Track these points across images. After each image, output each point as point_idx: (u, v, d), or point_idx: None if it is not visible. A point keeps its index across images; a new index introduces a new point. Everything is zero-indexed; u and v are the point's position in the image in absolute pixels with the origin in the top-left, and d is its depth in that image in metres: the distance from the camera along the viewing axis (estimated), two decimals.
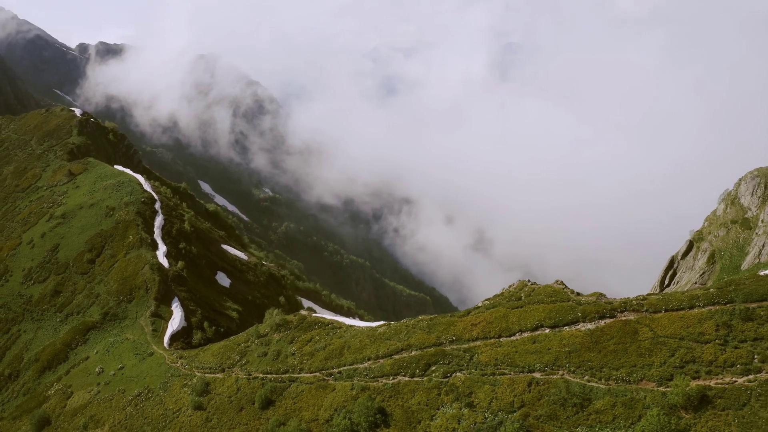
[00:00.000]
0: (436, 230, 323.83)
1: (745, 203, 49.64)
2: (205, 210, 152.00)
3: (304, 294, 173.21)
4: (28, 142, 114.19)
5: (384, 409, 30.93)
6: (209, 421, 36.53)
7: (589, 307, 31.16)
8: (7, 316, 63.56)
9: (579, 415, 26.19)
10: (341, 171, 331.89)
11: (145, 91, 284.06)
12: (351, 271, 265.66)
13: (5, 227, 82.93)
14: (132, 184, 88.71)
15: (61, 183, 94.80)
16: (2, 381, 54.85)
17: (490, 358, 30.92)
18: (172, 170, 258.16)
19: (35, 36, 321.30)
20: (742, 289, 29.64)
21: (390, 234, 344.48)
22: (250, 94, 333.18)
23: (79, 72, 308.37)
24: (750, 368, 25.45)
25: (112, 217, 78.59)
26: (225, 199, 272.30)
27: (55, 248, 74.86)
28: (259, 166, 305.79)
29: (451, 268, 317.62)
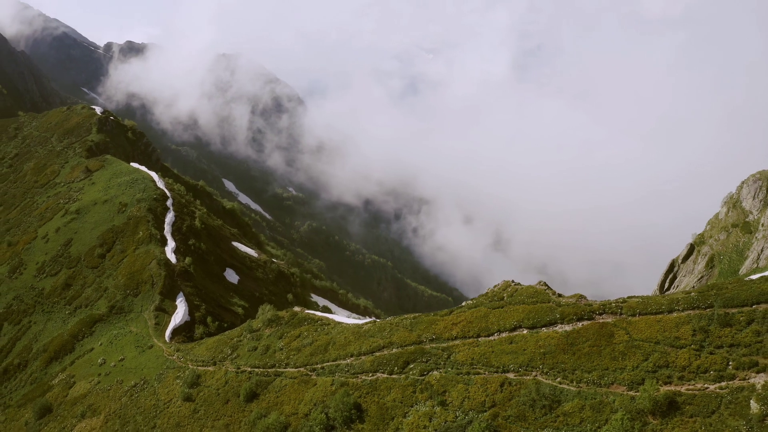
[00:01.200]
0: (454, 230, 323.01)
1: (747, 207, 48.73)
2: (222, 208, 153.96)
3: (321, 293, 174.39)
4: (48, 139, 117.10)
5: (360, 404, 31.27)
6: (197, 412, 37.35)
7: (568, 309, 31.04)
8: (20, 307, 65.50)
9: (547, 416, 26.15)
10: (361, 170, 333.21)
11: (166, 90, 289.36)
12: (373, 270, 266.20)
13: (22, 222, 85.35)
14: (145, 181, 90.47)
15: (78, 179, 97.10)
16: (11, 370, 56.62)
17: (467, 357, 31.02)
18: (197, 168, 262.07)
19: (63, 34, 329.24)
20: (723, 293, 29.21)
21: (409, 234, 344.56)
22: (269, 92, 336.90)
23: (103, 70, 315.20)
24: (723, 375, 25.07)
25: (124, 213, 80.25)
26: (248, 198, 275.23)
27: (68, 243, 76.82)
28: (277, 165, 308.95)
29: (469, 268, 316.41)
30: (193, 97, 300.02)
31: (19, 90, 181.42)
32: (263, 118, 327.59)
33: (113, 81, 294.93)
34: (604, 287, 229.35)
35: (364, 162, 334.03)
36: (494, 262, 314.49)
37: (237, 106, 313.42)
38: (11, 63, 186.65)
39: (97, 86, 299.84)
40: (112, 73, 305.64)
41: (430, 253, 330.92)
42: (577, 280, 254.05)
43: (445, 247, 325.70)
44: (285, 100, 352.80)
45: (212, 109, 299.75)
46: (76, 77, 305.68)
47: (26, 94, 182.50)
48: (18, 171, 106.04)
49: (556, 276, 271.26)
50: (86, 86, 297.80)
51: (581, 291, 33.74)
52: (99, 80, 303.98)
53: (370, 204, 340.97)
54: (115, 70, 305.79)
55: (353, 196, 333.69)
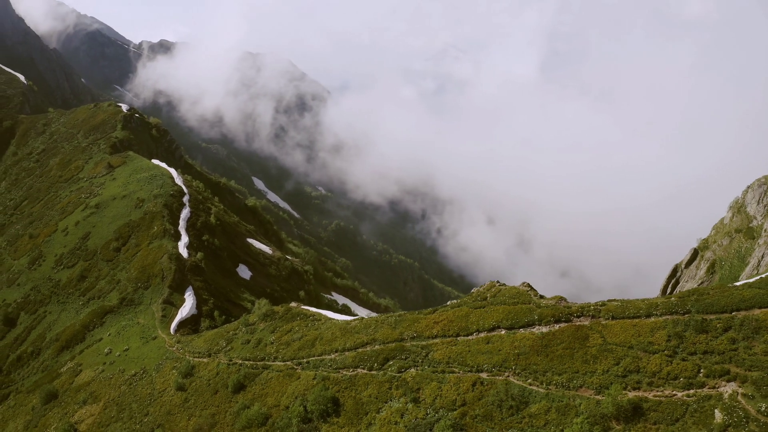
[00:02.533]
0: (478, 231, 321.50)
1: (751, 212, 47.69)
2: (244, 205, 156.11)
3: (342, 291, 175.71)
4: (75, 135, 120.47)
5: (338, 399, 31.80)
6: (187, 402, 38.42)
7: (546, 311, 31.01)
8: (36, 297, 67.87)
9: (513, 417, 26.23)
10: (385, 170, 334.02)
11: (194, 87, 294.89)
12: (399, 271, 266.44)
13: (45, 215, 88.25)
14: (164, 177, 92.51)
15: (100, 175, 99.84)
16: (25, 358, 58.78)
17: (444, 355, 31.26)
18: (227, 166, 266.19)
19: (96, 31, 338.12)
20: (704, 299, 28.85)
21: (433, 234, 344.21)
22: (294, 90, 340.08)
23: (133, 67, 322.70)
24: (692, 382, 24.75)
25: (141, 208, 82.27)
26: (277, 196, 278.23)
27: (86, 236, 79.19)
28: (304, 163, 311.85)
29: (493, 270, 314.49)
30: (219, 94, 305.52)
31: (51, 87, 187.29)
32: (287, 116, 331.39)
33: (142, 78, 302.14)
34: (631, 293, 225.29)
35: (389, 161, 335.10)
36: (517, 263, 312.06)
37: (262, 104, 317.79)
38: (44, 61, 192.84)
39: (127, 83, 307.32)
40: (141, 70, 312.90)
41: (454, 254, 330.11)
42: (600, 283, 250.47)
43: (469, 248, 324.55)
44: (310, 98, 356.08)
45: (237, 106, 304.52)
46: (108, 74, 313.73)
47: (58, 91, 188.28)
48: (44, 166, 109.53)
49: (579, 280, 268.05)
50: (117, 83, 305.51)
51: (609, 296, 33.54)
52: (129, 77, 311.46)
53: (395, 204, 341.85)
54: (144, 68, 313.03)
55: (378, 195, 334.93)
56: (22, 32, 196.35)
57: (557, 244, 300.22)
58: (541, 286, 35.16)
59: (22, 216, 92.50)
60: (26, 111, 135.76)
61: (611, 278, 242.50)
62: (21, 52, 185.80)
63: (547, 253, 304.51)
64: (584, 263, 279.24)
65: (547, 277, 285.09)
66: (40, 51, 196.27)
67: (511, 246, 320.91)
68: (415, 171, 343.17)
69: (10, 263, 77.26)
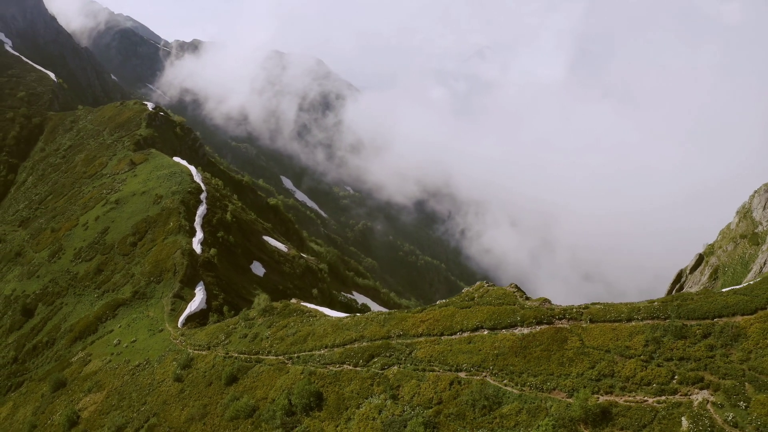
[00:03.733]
0: (501, 233, 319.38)
1: (757, 217, 46.74)
2: (265, 204, 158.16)
3: (363, 291, 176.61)
4: (101, 132, 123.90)
5: (321, 393, 32.40)
6: (183, 392, 39.54)
7: (529, 312, 31.08)
8: (54, 289, 70.21)
9: (485, 417, 26.40)
10: (409, 171, 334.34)
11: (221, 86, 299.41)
12: (425, 272, 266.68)
13: (67, 209, 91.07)
14: (183, 174, 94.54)
15: (122, 171, 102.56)
16: (40, 347, 60.96)
17: (427, 354, 31.58)
18: (256, 165, 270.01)
19: (127, 29, 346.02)
20: (686, 304, 28.54)
21: (456, 235, 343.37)
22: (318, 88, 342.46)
23: (162, 65, 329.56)
24: (665, 389, 24.52)
25: (159, 204, 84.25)
26: (305, 195, 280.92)
27: (105, 231, 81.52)
28: (326, 162, 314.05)
29: (516, 272, 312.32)
30: (245, 93, 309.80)
31: (82, 85, 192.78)
32: (311, 114, 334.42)
33: (170, 76, 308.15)
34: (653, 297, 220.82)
35: (412, 162, 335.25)
36: (541, 265, 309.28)
37: (286, 102, 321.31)
38: (75, 59, 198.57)
39: (156, 81, 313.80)
40: (168, 69, 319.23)
41: (478, 255, 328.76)
42: (623, 287, 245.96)
43: (493, 250, 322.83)
44: (334, 97, 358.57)
45: (262, 104, 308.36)
46: (139, 71, 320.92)
47: (88, 89, 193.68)
48: (70, 162, 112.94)
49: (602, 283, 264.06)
50: (147, 81, 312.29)
51: (631, 299, 33.37)
52: (158, 75, 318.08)
53: (419, 204, 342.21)
54: (171, 66, 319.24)
55: (403, 196, 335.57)
56: (54, 31, 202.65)
57: (579, 246, 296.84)
58: (562, 290, 34.81)
59: (46, 210, 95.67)
60: (55, 108, 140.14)
61: (633, 281, 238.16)
62: (53, 51, 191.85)
63: (570, 255, 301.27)
64: (607, 266, 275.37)
65: (570, 280, 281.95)
66: (71, 49, 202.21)
67: (534, 248, 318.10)
68: (439, 172, 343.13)
69: (32, 256, 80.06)
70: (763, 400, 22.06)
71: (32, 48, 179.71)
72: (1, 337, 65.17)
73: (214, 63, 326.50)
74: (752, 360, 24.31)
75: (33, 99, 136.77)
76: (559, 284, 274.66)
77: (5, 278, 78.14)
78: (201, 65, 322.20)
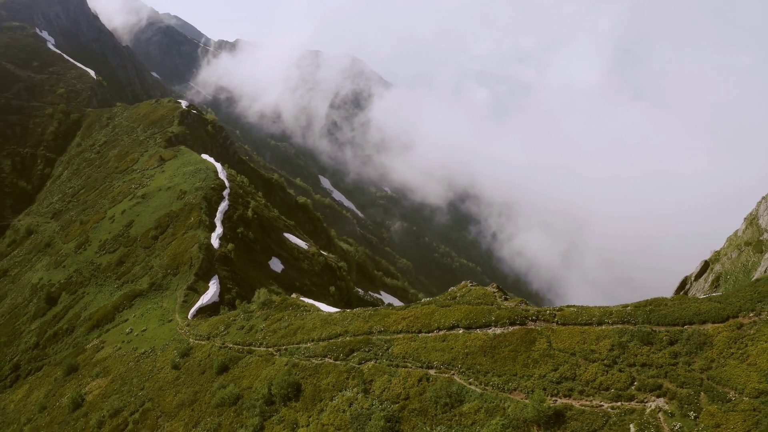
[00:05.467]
0: (532, 236, 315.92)
1: (763, 224, 45.44)
2: (294, 202, 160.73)
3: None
4: (135, 129, 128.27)
5: (300, 384, 33.40)
6: (178, 379, 41.21)
7: (504, 312, 31.29)
8: (78, 279, 73.45)
9: (446, 414, 26.82)
10: (442, 172, 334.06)
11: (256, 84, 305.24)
12: (460, 274, 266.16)
13: (97, 203, 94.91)
14: (208, 171, 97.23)
15: (152, 167, 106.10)
16: (60, 334, 63.99)
17: (402, 350, 32.16)
18: (294, 164, 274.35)
19: (171, 28, 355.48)
20: (659, 310, 28.27)
21: (488, 238, 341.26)
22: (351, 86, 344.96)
23: (201, 64, 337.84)
24: (622, 394, 24.35)
25: (182, 199, 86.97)
26: (342, 195, 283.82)
27: (129, 224, 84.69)
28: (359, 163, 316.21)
29: (547, 275, 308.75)
30: (279, 91, 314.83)
31: (122, 82, 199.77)
32: (343, 113, 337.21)
33: (206, 75, 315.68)
34: None
35: (445, 164, 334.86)
36: (571, 268, 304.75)
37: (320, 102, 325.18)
38: (116, 57, 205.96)
39: (193, 79, 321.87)
40: (205, 67, 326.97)
41: (509, 258, 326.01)
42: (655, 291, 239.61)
43: (524, 253, 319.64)
44: (366, 96, 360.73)
45: (296, 103, 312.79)
46: (178, 69, 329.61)
47: (128, 86, 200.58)
48: (104, 157, 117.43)
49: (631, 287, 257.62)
50: (186, 78, 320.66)
51: None
52: (195, 73, 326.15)
53: (452, 206, 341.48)
54: (208, 65, 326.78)
55: (436, 197, 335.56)
56: (97, 29, 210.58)
57: (609, 249, 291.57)
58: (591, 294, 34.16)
59: (77, 203, 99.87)
60: (93, 105, 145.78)
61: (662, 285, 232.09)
62: (95, 49, 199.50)
63: (599, 258, 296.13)
64: (636, 270, 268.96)
65: (599, 283, 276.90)
66: (112, 48, 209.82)
67: (565, 251, 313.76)
68: (470, 174, 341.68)
69: (60, 246, 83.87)
70: (713, 411, 21.86)
71: (75, 46, 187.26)
72: (25, 323, 68.62)
73: (250, 62, 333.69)
74: (713, 369, 24.02)
75: (72, 96, 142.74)
76: (589, 288, 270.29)
77: (34, 267, 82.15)
78: (237, 64, 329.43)
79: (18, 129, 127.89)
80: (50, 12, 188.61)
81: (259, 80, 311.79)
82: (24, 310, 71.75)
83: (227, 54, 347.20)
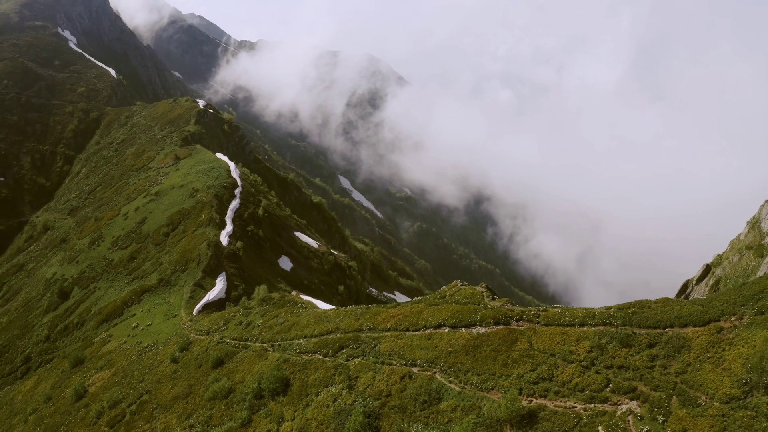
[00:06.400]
0: (549, 238, 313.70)
1: (765, 228, 44.81)
2: (309, 201, 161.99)
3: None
4: (152, 127, 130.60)
5: (289, 380, 34.01)
6: (176, 372, 42.17)
7: (489, 312, 31.49)
8: (90, 274, 75.21)
9: (424, 411, 27.14)
10: (458, 173, 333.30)
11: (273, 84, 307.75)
12: (479, 276, 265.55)
13: (112, 200, 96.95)
14: (220, 170, 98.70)
15: (167, 165, 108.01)
16: (71, 328, 65.66)
17: (389, 348, 32.56)
18: (314, 164, 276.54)
19: (193, 27, 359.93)
20: (641, 312, 28.20)
21: (504, 240, 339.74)
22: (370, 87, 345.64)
23: (222, 63, 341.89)
24: (596, 396, 24.32)
25: (194, 197, 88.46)
26: (362, 195, 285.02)
27: (142, 221, 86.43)
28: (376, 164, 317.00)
29: (564, 278, 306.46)
30: (296, 91, 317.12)
31: (143, 82, 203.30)
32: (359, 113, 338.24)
33: (225, 74, 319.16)
34: None
35: (461, 165, 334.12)
36: (587, 271, 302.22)
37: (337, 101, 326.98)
38: (137, 57, 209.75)
39: (212, 78, 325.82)
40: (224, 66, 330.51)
41: (526, 260, 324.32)
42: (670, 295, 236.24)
43: (541, 255, 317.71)
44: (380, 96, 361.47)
45: (313, 101, 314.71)
46: (199, 68, 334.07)
47: (149, 85, 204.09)
48: (121, 155, 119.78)
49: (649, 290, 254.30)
50: (206, 77, 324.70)
51: None
52: (214, 72, 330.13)
53: (469, 207, 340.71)
54: (227, 64, 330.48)
55: (453, 198, 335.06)
56: (118, 29, 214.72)
57: (624, 252, 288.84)
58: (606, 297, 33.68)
59: (93, 200, 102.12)
60: (113, 103, 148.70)
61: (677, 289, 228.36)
62: (117, 48, 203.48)
63: (616, 260, 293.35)
64: (654, 272, 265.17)
65: (615, 286, 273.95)
66: (134, 47, 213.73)
67: (581, 253, 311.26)
68: (486, 175, 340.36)
69: (75, 242, 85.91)
70: (681, 415, 21.83)
71: (97, 45, 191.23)
72: (37, 316, 70.53)
73: (268, 61, 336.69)
74: (688, 373, 23.94)
75: (92, 94, 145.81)
76: (605, 290, 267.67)
77: (49, 262, 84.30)
78: (255, 63, 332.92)
79: (38, 127, 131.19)
80: (73, 12, 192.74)
81: (276, 79, 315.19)
82: (37, 303, 73.75)
83: (246, 53, 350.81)
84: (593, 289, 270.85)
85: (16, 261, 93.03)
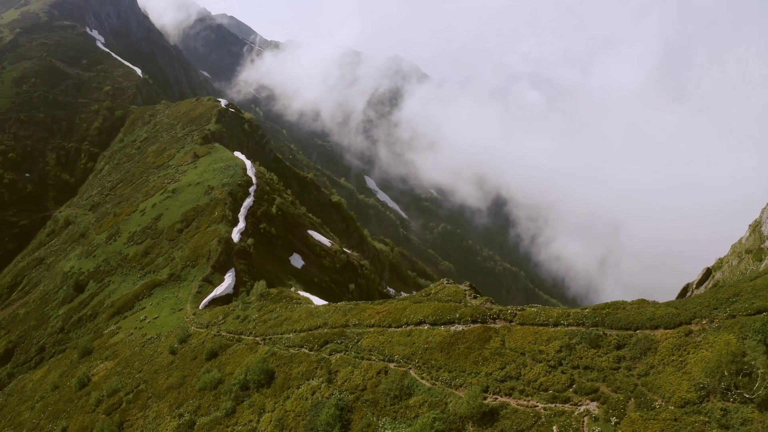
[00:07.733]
0: (570, 240, 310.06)
1: (765, 232, 44.24)
2: (328, 201, 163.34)
3: None
4: (174, 126, 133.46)
5: (274, 372, 34.96)
6: (173, 363, 43.57)
7: (467, 310, 31.86)
8: (105, 268, 77.59)
9: (393, 406, 27.65)
10: (479, 175, 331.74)
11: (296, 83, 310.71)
12: (503, 278, 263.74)
13: (131, 196, 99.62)
14: (236, 168, 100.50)
15: (186, 163, 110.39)
16: (84, 320, 67.95)
17: (370, 344, 33.19)
18: (339, 164, 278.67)
19: (221, 27, 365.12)
20: (615, 314, 28.25)
21: (526, 242, 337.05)
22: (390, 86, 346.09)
23: (248, 63, 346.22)
24: (558, 396, 24.38)
25: (209, 195, 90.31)
26: (387, 195, 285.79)
27: (158, 217, 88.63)
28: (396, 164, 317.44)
29: (585, 280, 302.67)
30: (319, 91, 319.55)
31: (170, 81, 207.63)
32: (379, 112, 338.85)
33: (249, 73, 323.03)
34: None
35: (483, 166, 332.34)
36: (608, 273, 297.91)
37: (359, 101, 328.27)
38: (164, 56, 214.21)
39: (236, 77, 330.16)
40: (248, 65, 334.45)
41: (547, 262, 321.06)
42: None
43: (562, 257, 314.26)
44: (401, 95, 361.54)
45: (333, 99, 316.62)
46: (225, 66, 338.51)
47: (175, 85, 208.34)
48: (143, 153, 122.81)
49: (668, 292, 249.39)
50: (232, 76, 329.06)
51: None
52: (239, 71, 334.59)
53: (492, 208, 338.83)
54: (252, 64, 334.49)
55: (476, 199, 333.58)
56: (146, 29, 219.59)
57: (644, 254, 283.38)
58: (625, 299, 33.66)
59: (114, 196, 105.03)
60: (138, 102, 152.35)
61: None
62: (144, 48, 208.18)
63: (638, 263, 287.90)
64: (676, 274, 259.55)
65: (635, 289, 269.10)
66: (161, 47, 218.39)
67: (602, 255, 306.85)
68: (507, 176, 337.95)
69: (93, 237, 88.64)
70: (634, 418, 21.89)
71: (124, 45, 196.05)
72: (53, 308, 73.13)
73: (291, 60, 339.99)
74: (650, 375, 23.91)
75: (118, 93, 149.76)
76: (626, 293, 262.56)
77: (68, 256, 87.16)
78: (278, 63, 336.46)
79: (64, 124, 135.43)
80: (101, 12, 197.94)
81: (298, 79, 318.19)
82: (54, 296, 76.42)
83: (270, 53, 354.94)
84: (614, 291, 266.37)
85: (37, 255, 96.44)
